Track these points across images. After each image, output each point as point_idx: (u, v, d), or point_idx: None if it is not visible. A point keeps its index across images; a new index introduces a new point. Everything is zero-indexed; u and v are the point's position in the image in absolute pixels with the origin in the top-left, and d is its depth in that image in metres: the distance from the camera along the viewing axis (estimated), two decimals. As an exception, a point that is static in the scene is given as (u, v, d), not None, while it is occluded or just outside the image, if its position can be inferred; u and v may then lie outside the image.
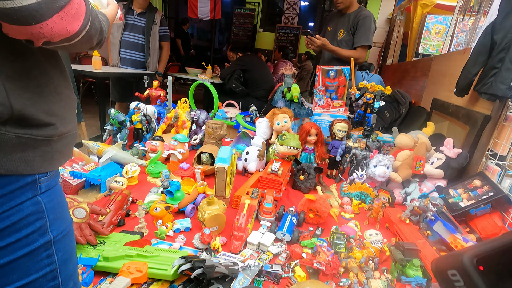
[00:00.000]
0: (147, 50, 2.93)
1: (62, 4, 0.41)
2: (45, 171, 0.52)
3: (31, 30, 0.40)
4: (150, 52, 2.95)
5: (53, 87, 0.53)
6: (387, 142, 1.78)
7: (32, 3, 0.37)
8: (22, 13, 0.37)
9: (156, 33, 2.95)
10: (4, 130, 0.46)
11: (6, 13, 0.37)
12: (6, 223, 0.48)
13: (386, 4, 6.99)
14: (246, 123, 1.93)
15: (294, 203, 1.33)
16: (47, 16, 0.40)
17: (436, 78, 2.24)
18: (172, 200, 1.10)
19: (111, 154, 1.31)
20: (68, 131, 0.56)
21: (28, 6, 0.37)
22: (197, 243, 0.98)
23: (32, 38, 0.42)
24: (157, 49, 3.03)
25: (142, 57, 2.97)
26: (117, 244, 0.88)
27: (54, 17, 0.40)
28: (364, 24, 2.20)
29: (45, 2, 0.38)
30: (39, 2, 0.38)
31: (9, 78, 0.45)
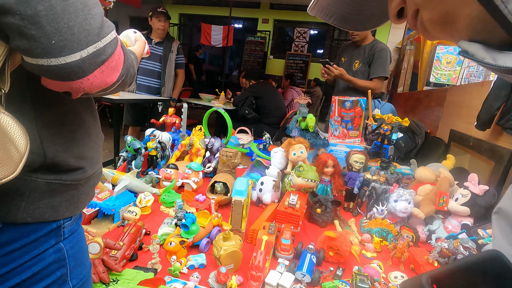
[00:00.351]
0: (162, 77, 3.01)
1: (104, 58, 0.41)
2: (70, 216, 0.50)
3: (71, 85, 0.40)
4: (165, 79, 3.03)
5: (84, 130, 0.52)
6: (405, 175, 1.72)
7: (76, 60, 0.37)
8: (65, 70, 0.37)
9: (173, 61, 3.05)
10: (35, 177, 0.44)
11: (49, 70, 0.37)
12: (28, 274, 0.45)
13: (394, 34, 7.16)
14: (260, 152, 1.91)
15: (311, 238, 1.28)
16: (89, 72, 0.39)
17: (452, 109, 2.21)
18: (187, 234, 1.06)
19: (126, 183, 1.29)
20: (95, 172, 0.55)
21: (71, 63, 0.37)
22: (212, 282, 0.93)
23: (71, 91, 0.41)
24: (173, 76, 3.12)
25: (157, 84, 3.05)
26: (131, 283, 0.83)
27: (96, 72, 0.40)
28: (380, 56, 2.24)
29: (88, 58, 0.38)
30: (83, 58, 0.38)
31: (44, 126, 0.45)
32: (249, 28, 9.12)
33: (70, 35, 0.36)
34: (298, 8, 8.11)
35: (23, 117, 0.41)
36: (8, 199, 0.42)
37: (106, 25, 0.41)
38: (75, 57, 0.37)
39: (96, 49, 0.39)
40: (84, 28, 0.38)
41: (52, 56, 0.36)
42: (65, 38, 0.36)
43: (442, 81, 4.20)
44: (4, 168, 0.35)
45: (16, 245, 0.44)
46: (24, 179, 0.43)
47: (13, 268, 0.44)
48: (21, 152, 0.38)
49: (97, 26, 0.39)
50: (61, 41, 0.36)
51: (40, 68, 0.37)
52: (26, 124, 0.41)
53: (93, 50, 0.39)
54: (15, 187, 0.43)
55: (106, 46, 0.41)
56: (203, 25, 8.25)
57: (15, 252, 0.44)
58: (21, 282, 0.45)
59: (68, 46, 0.36)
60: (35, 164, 0.44)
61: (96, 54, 0.39)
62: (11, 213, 0.43)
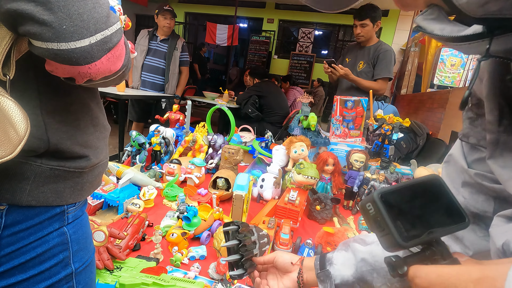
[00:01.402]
0: (166, 74, 3.06)
1: (110, 46, 0.43)
2: (74, 202, 0.53)
3: (79, 70, 0.42)
4: (169, 76, 3.07)
5: (89, 119, 0.54)
6: (405, 175, 1.74)
7: (85, 45, 0.40)
8: (75, 54, 0.39)
9: (177, 59, 3.08)
10: (40, 162, 0.47)
11: (59, 54, 0.39)
12: (31, 254, 0.48)
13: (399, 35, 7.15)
14: (262, 149, 1.94)
15: (310, 234, 1.30)
16: (97, 58, 0.42)
17: (455, 111, 2.22)
18: (189, 226, 1.09)
19: (130, 176, 1.33)
20: (100, 161, 0.57)
21: (81, 48, 0.39)
22: (212, 273, 0.96)
23: (76, 76, 0.44)
24: (177, 74, 3.16)
25: (161, 81, 3.09)
26: (134, 270, 0.87)
27: (103, 58, 0.43)
28: (385, 57, 2.26)
29: (96, 44, 0.41)
30: (91, 44, 0.40)
31: (49, 113, 0.47)
32: (254, 28, 9.14)
33: (80, 21, 0.39)
34: (304, 9, 8.11)
35: (28, 104, 0.44)
36: (14, 182, 0.45)
37: (111, 15, 0.44)
38: (84, 43, 0.40)
39: (103, 36, 0.41)
40: (93, 16, 0.40)
41: (63, 41, 0.38)
42: (75, 24, 0.38)
43: (446, 83, 4.20)
44: (1, 149, 0.37)
45: (21, 227, 0.46)
46: (29, 164, 0.46)
47: (18, 248, 0.46)
48: (21, 135, 0.40)
49: (104, 15, 0.42)
50: (71, 26, 0.38)
51: (50, 52, 0.39)
52: (31, 110, 0.44)
53: (101, 37, 0.41)
54: (21, 171, 0.45)
55: (113, 35, 0.43)
56: (208, 24, 8.29)
57: (20, 233, 0.46)
58: (26, 261, 0.47)
59: (78, 32, 0.39)
60: (40, 150, 0.46)
61: (104, 41, 0.42)
62: (17, 196, 0.45)
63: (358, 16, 2.29)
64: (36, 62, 0.44)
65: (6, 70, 0.40)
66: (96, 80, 0.46)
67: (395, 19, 7.24)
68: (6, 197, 0.45)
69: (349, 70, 2.28)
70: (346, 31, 8.26)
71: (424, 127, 2.37)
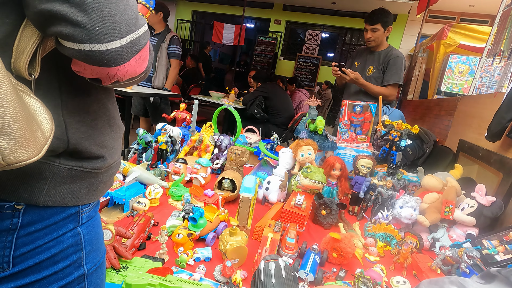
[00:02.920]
0: (154, 65, 3.12)
1: (139, 48, 0.43)
2: (89, 202, 0.53)
3: (108, 71, 0.42)
4: (156, 67, 3.15)
5: (106, 119, 0.54)
6: (412, 182, 1.72)
7: (116, 47, 0.40)
8: (106, 56, 0.39)
9: (164, 50, 3.13)
10: (58, 162, 0.46)
11: (90, 55, 0.39)
12: (46, 255, 0.47)
13: (406, 41, 7.12)
14: (268, 152, 1.93)
15: (315, 239, 1.29)
16: (126, 59, 0.42)
17: (463, 119, 2.20)
18: (195, 227, 1.08)
19: (137, 175, 1.33)
20: (114, 161, 0.56)
21: (112, 49, 0.39)
22: (218, 275, 0.95)
23: (104, 78, 0.43)
24: (165, 65, 3.20)
25: (150, 72, 3.16)
26: (140, 270, 0.86)
27: (131, 60, 0.43)
28: (395, 63, 2.24)
29: (126, 46, 0.41)
30: (122, 46, 0.40)
31: (69, 113, 0.47)
32: (260, 28, 9.14)
33: (112, 23, 0.39)
34: (311, 11, 8.10)
35: (49, 103, 0.44)
36: (33, 182, 0.45)
37: (139, 17, 0.44)
38: (116, 44, 0.39)
39: (133, 38, 0.41)
40: (124, 18, 0.40)
41: (95, 42, 0.38)
42: (107, 26, 0.38)
43: (453, 91, 4.17)
44: (29, 150, 0.37)
45: (37, 227, 0.46)
46: (48, 164, 0.46)
47: (33, 248, 0.46)
48: (46, 135, 0.40)
49: (134, 17, 0.42)
50: (104, 28, 0.38)
51: (81, 53, 0.39)
52: (52, 109, 0.44)
53: (131, 39, 0.41)
54: (39, 170, 0.45)
55: (141, 37, 0.43)
56: (215, 23, 8.30)
57: (35, 233, 0.46)
58: (40, 262, 0.47)
59: (110, 34, 0.39)
60: (59, 150, 0.46)
61: (133, 43, 0.42)
62: (34, 195, 0.45)
63: (369, 21, 2.26)
64: (58, 61, 0.44)
65: (31, 70, 0.40)
66: (122, 81, 0.46)
67: (403, 24, 7.22)
68: (24, 196, 0.44)
69: (359, 74, 2.26)
70: (353, 34, 8.24)
71: (431, 134, 2.35)
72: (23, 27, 0.39)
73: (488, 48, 2.30)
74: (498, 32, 2.19)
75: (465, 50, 4.39)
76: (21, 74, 0.39)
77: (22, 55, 0.39)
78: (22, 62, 0.39)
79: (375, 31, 2.26)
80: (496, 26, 2.25)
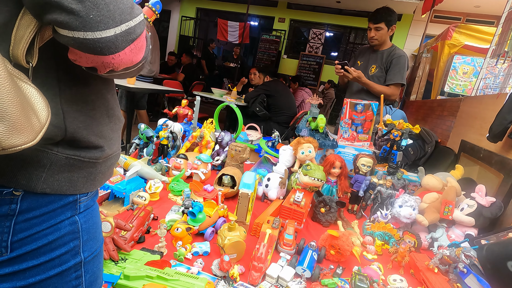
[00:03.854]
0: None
1: (134, 37, 0.43)
2: (86, 192, 0.53)
3: (103, 60, 0.42)
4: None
5: (105, 110, 0.55)
6: (412, 182, 1.72)
7: (110, 35, 0.40)
8: (100, 44, 0.40)
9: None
10: (56, 150, 0.47)
11: (85, 43, 0.39)
12: (43, 241, 0.48)
13: (411, 41, 7.08)
14: (269, 149, 1.93)
15: (313, 236, 1.30)
16: (121, 48, 0.42)
17: (465, 120, 2.19)
18: (194, 221, 1.09)
19: (137, 169, 1.33)
20: (113, 152, 0.57)
21: (106, 38, 0.40)
22: (215, 269, 0.96)
23: (99, 66, 0.44)
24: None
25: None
26: (138, 262, 0.87)
27: (126, 49, 0.43)
28: (398, 62, 2.23)
29: (121, 35, 0.41)
30: (116, 35, 0.40)
31: (67, 102, 0.47)
32: (264, 26, 9.11)
33: (106, 11, 0.39)
34: (316, 9, 8.07)
35: (48, 91, 0.44)
36: (31, 169, 0.46)
37: (135, 7, 0.44)
38: (110, 33, 0.40)
39: (128, 27, 0.42)
40: (119, 7, 0.40)
41: (89, 30, 0.38)
42: (102, 14, 0.39)
43: (456, 91, 4.15)
44: (24, 135, 0.38)
45: (35, 213, 0.47)
46: (46, 152, 0.46)
47: (31, 234, 0.47)
48: (42, 122, 0.41)
49: (129, 6, 0.42)
50: (98, 16, 0.38)
51: (75, 40, 0.39)
52: (50, 98, 0.44)
53: (125, 28, 0.41)
54: (37, 158, 0.46)
55: (136, 26, 0.43)
56: (219, 20, 8.29)
57: (33, 219, 0.47)
58: (37, 248, 0.48)
59: (104, 22, 0.39)
60: (57, 138, 0.47)
61: (128, 32, 0.42)
62: (32, 182, 0.46)
63: (373, 19, 2.25)
64: (57, 51, 0.45)
65: (29, 58, 0.41)
66: (117, 71, 0.46)
67: (408, 24, 7.17)
68: (22, 183, 0.45)
69: (362, 73, 2.25)
70: (357, 33, 8.20)
71: (433, 134, 2.34)
72: (21, 15, 0.39)
73: (493, 49, 2.29)
74: (502, 32, 2.18)
75: (470, 51, 4.36)
76: (19, 62, 0.40)
77: (20, 43, 0.39)
78: (20, 50, 0.39)
79: (379, 30, 2.25)
80: (501, 26, 2.24)
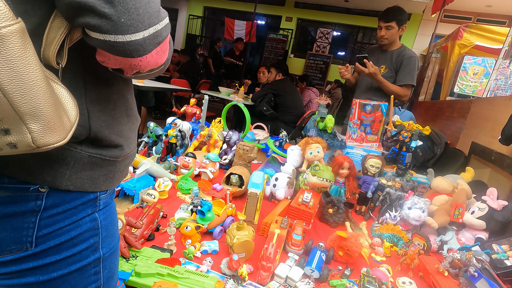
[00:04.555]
0: None
1: (160, 40, 0.44)
2: (106, 189, 0.55)
3: (131, 62, 0.43)
4: None
5: (125, 110, 0.56)
6: (421, 183, 1.70)
7: (139, 38, 0.41)
8: (130, 47, 0.41)
9: None
10: (80, 149, 0.49)
11: (115, 46, 0.40)
12: (66, 237, 0.50)
13: (420, 40, 6.99)
14: (276, 149, 1.93)
15: (321, 237, 1.29)
16: (148, 51, 0.43)
17: (476, 122, 2.16)
18: (203, 220, 1.10)
19: (147, 167, 1.35)
20: (131, 151, 0.58)
21: (135, 41, 0.41)
22: (224, 268, 0.96)
23: (126, 68, 0.45)
24: None
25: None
26: (149, 260, 0.88)
27: (153, 52, 0.44)
28: (409, 63, 2.20)
29: (149, 38, 0.42)
30: (144, 38, 0.41)
31: (92, 102, 0.49)
32: (271, 25, 9.09)
33: (136, 15, 0.40)
34: (323, 8, 8.02)
35: (74, 91, 0.46)
36: (56, 167, 0.47)
37: (161, 10, 0.45)
38: (139, 36, 0.41)
39: (155, 30, 0.43)
40: (147, 11, 0.41)
41: (120, 33, 0.39)
42: (132, 18, 0.40)
43: (466, 92, 4.09)
44: (56, 134, 0.39)
45: (59, 210, 0.49)
46: (70, 150, 0.48)
47: (54, 230, 0.49)
48: (72, 121, 0.42)
49: (157, 10, 0.43)
50: (128, 20, 0.39)
51: (106, 43, 0.40)
52: (76, 97, 0.46)
53: (153, 31, 0.42)
54: (62, 156, 0.47)
55: (163, 29, 0.44)
56: (226, 19, 8.29)
57: (57, 216, 0.49)
58: (60, 243, 0.49)
59: (134, 25, 0.40)
60: (81, 137, 0.48)
61: (155, 35, 0.43)
62: (57, 180, 0.47)
63: (384, 18, 2.22)
64: (84, 52, 0.46)
65: (59, 59, 0.42)
66: (143, 72, 0.48)
67: (417, 23, 7.09)
68: (48, 180, 0.47)
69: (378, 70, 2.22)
70: (365, 33, 8.13)
71: (442, 136, 2.31)
72: (52, 18, 0.40)
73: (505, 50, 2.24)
74: (516, 33, 2.14)
75: (480, 51, 4.29)
76: (49, 63, 0.41)
77: (51, 44, 0.41)
78: (51, 51, 0.41)
79: (389, 28, 2.22)
80: (514, 27, 2.19)
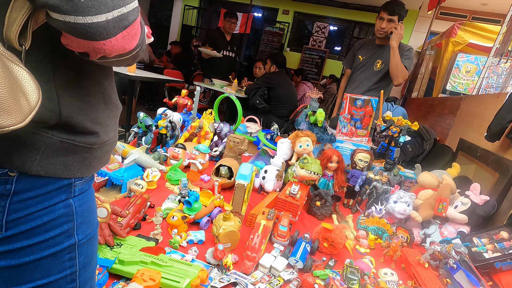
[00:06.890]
0: None
1: (126, 24, 0.43)
2: (81, 176, 0.54)
3: (94, 45, 0.42)
4: None
5: (101, 97, 0.55)
6: (408, 178, 1.73)
7: (101, 21, 0.40)
8: (91, 29, 0.39)
9: None
10: (51, 134, 0.48)
11: (75, 28, 0.39)
12: (38, 222, 0.49)
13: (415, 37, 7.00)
14: (267, 141, 1.94)
15: (308, 229, 1.31)
16: (112, 34, 0.42)
17: (465, 118, 2.19)
18: (189, 210, 1.10)
19: (135, 157, 1.34)
20: (109, 139, 0.57)
21: (97, 23, 0.39)
22: (209, 258, 0.97)
23: (90, 52, 0.44)
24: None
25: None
26: (133, 248, 0.89)
27: (118, 36, 0.43)
28: (408, 55, 2.19)
29: (112, 21, 0.41)
30: (108, 20, 0.40)
31: (62, 86, 0.48)
32: (268, 18, 9.00)
33: None
34: (321, 2, 7.96)
35: (41, 75, 0.44)
36: (25, 151, 0.46)
37: None
38: (101, 18, 0.39)
39: (120, 13, 0.41)
40: None
41: (80, 14, 0.38)
42: None
43: (458, 90, 4.13)
44: (12, 117, 0.38)
45: (30, 195, 0.48)
46: (41, 135, 0.47)
47: (25, 214, 0.48)
48: (32, 105, 0.41)
49: None
50: (89, 0, 0.38)
51: (66, 25, 0.39)
52: (44, 82, 0.45)
53: (118, 14, 0.41)
54: (32, 140, 0.46)
55: (129, 13, 0.43)
56: (222, 10, 8.18)
57: (28, 200, 0.48)
58: (32, 228, 0.49)
59: (95, 7, 0.39)
60: (51, 122, 0.47)
61: (120, 18, 0.41)
62: (27, 164, 0.47)
63: (389, 10, 2.18)
64: (52, 35, 0.45)
65: (22, 40, 0.41)
66: (110, 58, 0.46)
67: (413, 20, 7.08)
68: (17, 164, 0.46)
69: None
70: (361, 28, 8.10)
71: (432, 132, 2.34)
72: None
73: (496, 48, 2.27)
74: (507, 31, 2.16)
75: (474, 49, 4.32)
76: (12, 44, 0.40)
77: (13, 25, 0.39)
78: (13, 32, 0.39)
79: (391, 22, 2.21)
80: (506, 25, 2.21)
